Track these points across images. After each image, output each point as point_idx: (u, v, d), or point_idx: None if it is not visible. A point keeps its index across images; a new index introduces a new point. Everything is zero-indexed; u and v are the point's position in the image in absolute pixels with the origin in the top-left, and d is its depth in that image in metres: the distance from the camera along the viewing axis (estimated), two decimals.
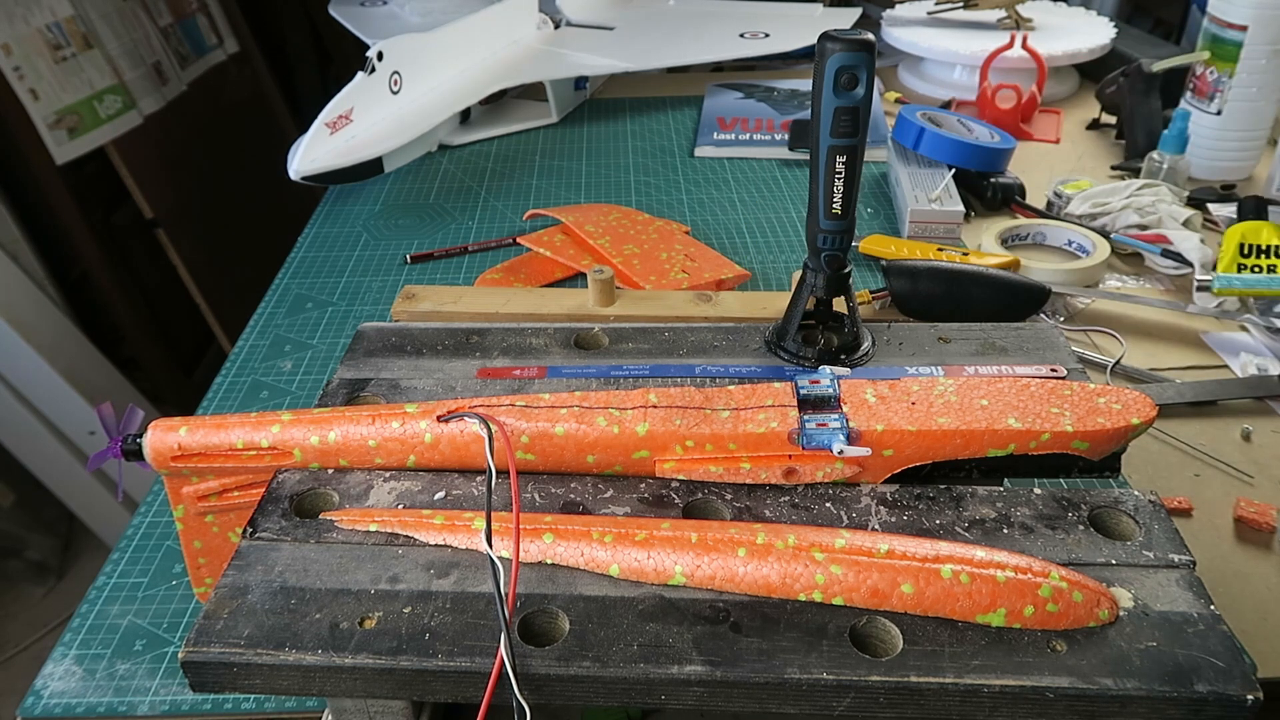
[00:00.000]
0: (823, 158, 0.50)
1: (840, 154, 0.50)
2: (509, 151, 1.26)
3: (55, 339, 1.59)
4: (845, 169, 0.50)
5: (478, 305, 0.74)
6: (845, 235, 0.53)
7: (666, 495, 0.45)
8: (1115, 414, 0.45)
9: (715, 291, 0.76)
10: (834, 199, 0.51)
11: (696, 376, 0.53)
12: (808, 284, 0.55)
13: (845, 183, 0.51)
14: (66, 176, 1.60)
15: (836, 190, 0.51)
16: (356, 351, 0.57)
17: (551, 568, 0.41)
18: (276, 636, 0.38)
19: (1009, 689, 0.35)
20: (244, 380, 0.81)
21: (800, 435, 0.45)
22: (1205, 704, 0.35)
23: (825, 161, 0.50)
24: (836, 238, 0.53)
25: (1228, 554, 0.61)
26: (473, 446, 0.46)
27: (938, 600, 0.38)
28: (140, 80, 1.78)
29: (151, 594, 0.60)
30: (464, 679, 0.37)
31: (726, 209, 1.06)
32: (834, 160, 0.50)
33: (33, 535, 1.74)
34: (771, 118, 1.28)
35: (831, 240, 0.53)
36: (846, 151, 0.50)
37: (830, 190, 0.51)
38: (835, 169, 0.50)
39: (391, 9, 1.55)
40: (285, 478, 0.47)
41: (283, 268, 0.99)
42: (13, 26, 1.53)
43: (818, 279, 0.54)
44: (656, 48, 1.37)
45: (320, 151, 1.00)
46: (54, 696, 0.54)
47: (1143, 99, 1.12)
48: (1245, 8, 0.99)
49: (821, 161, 0.51)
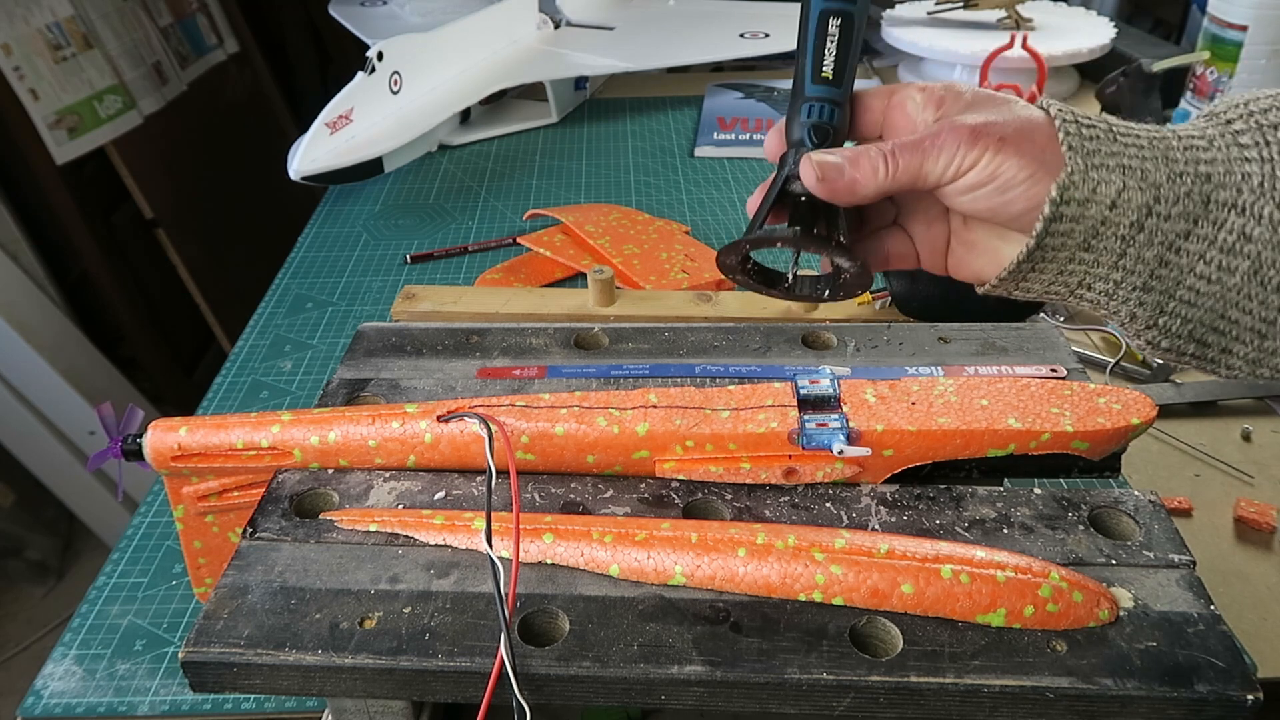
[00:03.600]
0: (813, 21, 0.43)
1: (835, 17, 0.42)
2: (509, 151, 1.26)
3: (55, 339, 1.59)
4: (840, 34, 0.42)
5: (478, 305, 0.74)
6: (837, 107, 0.42)
7: (666, 495, 0.45)
8: (1115, 414, 0.45)
9: (715, 291, 0.76)
10: (824, 61, 0.42)
11: (696, 376, 0.53)
12: (784, 168, 0.43)
13: (840, 46, 0.42)
14: (66, 176, 1.60)
15: (828, 52, 0.42)
16: (356, 351, 0.57)
17: (551, 568, 0.41)
18: (276, 636, 0.38)
19: (1009, 689, 0.35)
20: (244, 380, 0.81)
21: (800, 435, 0.45)
22: (1205, 704, 0.35)
23: (816, 25, 0.42)
24: (826, 106, 0.42)
25: (1228, 554, 0.61)
26: (473, 446, 0.46)
27: (938, 600, 0.38)
28: (140, 80, 1.78)
29: (151, 594, 0.60)
30: (464, 679, 0.37)
31: (726, 209, 1.06)
32: (826, 24, 0.42)
33: (33, 535, 1.74)
34: (771, 118, 1.28)
35: (820, 110, 0.42)
36: (841, 15, 0.42)
37: (821, 54, 0.42)
38: (828, 32, 0.42)
39: (391, 9, 1.55)
40: (285, 478, 0.47)
41: (283, 268, 0.99)
42: (13, 26, 1.53)
43: (794, 159, 0.42)
44: (656, 48, 1.37)
45: (320, 151, 1.00)
46: (54, 696, 0.54)
47: (1143, 99, 1.12)
48: (1245, 8, 0.99)
49: (811, 25, 0.43)
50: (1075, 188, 0.36)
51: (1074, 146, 0.37)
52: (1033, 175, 0.37)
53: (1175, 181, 0.36)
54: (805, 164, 0.41)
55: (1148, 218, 0.36)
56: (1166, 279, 0.37)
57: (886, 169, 0.39)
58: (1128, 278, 0.38)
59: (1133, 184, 0.36)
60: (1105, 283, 0.38)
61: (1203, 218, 0.36)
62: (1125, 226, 0.37)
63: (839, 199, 0.41)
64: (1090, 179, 0.36)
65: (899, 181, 0.39)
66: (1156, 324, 0.38)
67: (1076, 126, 0.37)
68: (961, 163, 0.38)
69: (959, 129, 0.38)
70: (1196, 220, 0.36)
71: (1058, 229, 0.37)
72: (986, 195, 0.38)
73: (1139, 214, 0.36)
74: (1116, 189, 0.36)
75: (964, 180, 0.38)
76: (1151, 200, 0.36)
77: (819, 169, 0.40)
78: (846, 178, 0.40)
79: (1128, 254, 0.37)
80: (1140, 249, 0.37)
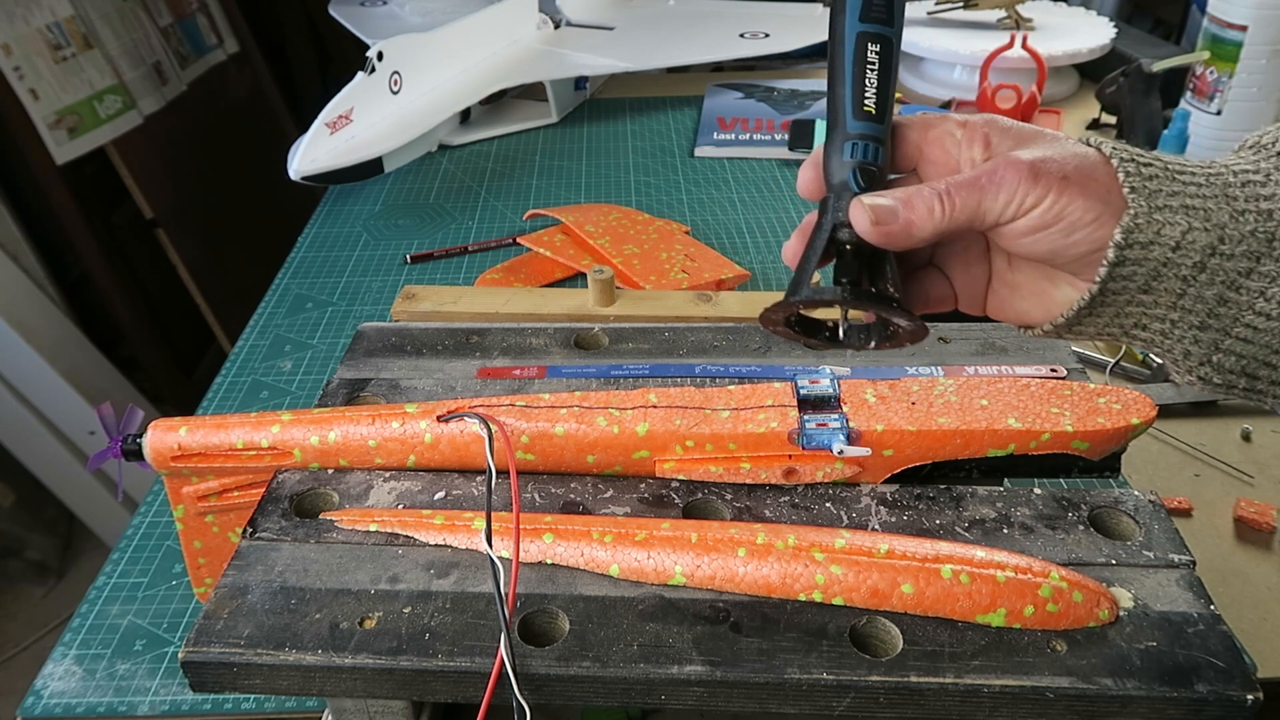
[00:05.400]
0: (849, 48, 0.39)
1: (873, 42, 0.39)
2: (509, 151, 1.26)
3: (55, 339, 1.59)
4: (880, 60, 0.39)
5: (478, 305, 0.74)
6: (881, 145, 0.39)
7: (666, 495, 0.45)
8: (1115, 414, 0.45)
9: (715, 291, 0.76)
10: (865, 93, 0.39)
11: (696, 376, 0.53)
12: (829, 214, 0.39)
13: (881, 75, 0.39)
14: (66, 176, 1.60)
15: (869, 83, 0.39)
16: (356, 351, 0.57)
17: (551, 568, 0.41)
18: (276, 636, 0.38)
19: (1009, 689, 0.35)
20: (244, 380, 0.81)
21: (800, 435, 0.45)
22: (1205, 704, 0.35)
23: (853, 51, 0.39)
24: (870, 145, 0.39)
25: (1228, 554, 0.61)
26: (473, 446, 0.46)
27: (938, 600, 0.38)
28: (140, 80, 1.78)
29: (151, 594, 0.60)
30: (464, 679, 0.37)
31: (726, 209, 1.06)
32: (865, 49, 0.39)
33: (33, 535, 1.74)
34: (771, 118, 1.28)
35: (864, 149, 0.38)
36: (880, 41, 0.39)
37: (860, 83, 0.39)
38: (867, 59, 0.39)
39: (391, 9, 1.55)
40: (285, 478, 0.47)
41: (283, 268, 0.99)
42: (13, 26, 1.53)
43: (840, 203, 0.38)
44: (656, 48, 1.37)
45: (320, 151, 1.00)
46: (54, 696, 0.54)
47: (1143, 99, 1.12)
48: (1245, 8, 0.99)
49: (848, 53, 0.39)
50: (1140, 230, 0.35)
51: (1136, 188, 0.36)
52: (1098, 218, 0.36)
53: (1238, 220, 0.35)
54: (857, 209, 0.38)
55: (1210, 258, 0.35)
56: (1225, 316, 0.36)
57: (943, 209, 0.37)
58: (1185, 317, 0.36)
59: (1197, 225, 0.35)
60: (1162, 323, 0.37)
61: (1265, 255, 0.35)
62: (1187, 267, 0.35)
63: (894, 244, 0.38)
64: (1155, 221, 0.35)
65: (956, 222, 0.37)
66: (1210, 361, 0.37)
67: (1135, 165, 0.36)
68: (1023, 202, 0.36)
69: (1017, 165, 0.36)
70: (1259, 258, 0.35)
71: (1120, 273, 0.36)
72: (1049, 237, 0.36)
73: (1202, 255, 0.35)
74: (1181, 230, 0.35)
75: (1025, 221, 0.36)
76: (1216, 240, 0.35)
77: (873, 213, 0.37)
78: (901, 221, 0.37)
79: (1187, 294, 0.36)
80: (1201, 288, 0.36)
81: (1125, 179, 0.36)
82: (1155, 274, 0.36)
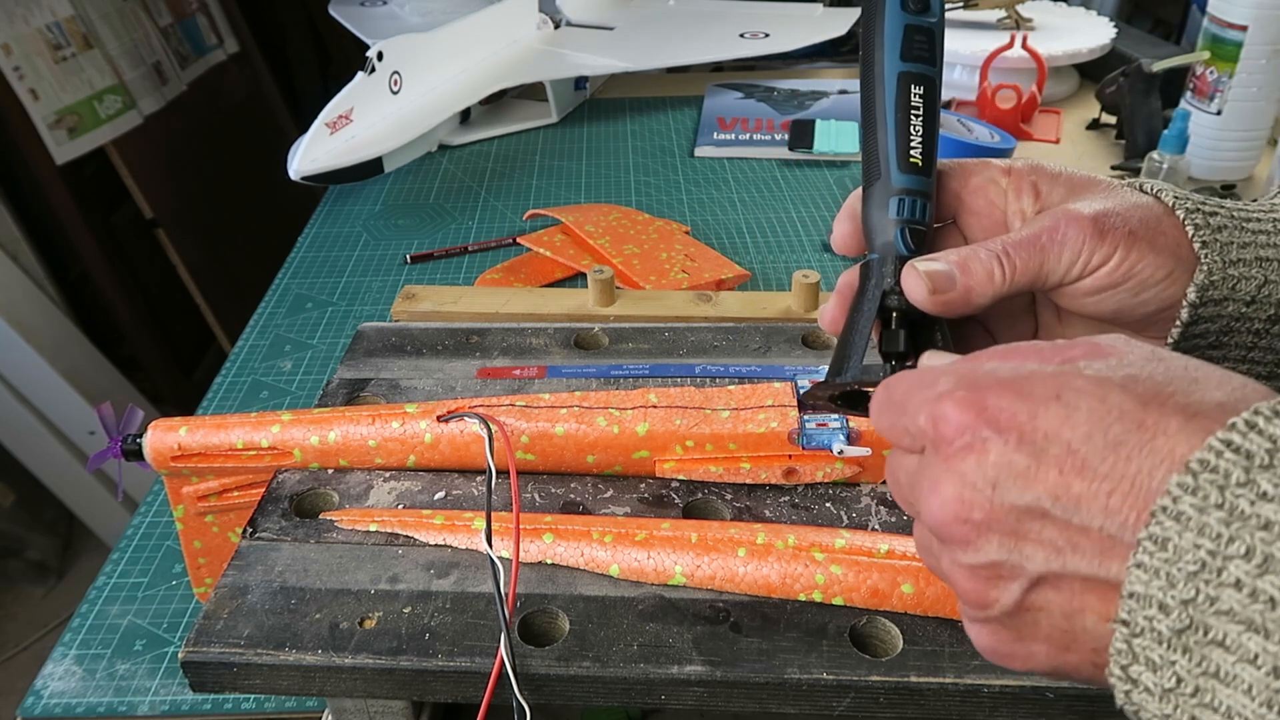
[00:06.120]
0: (890, 90, 0.35)
1: (916, 84, 0.35)
2: (509, 151, 1.26)
3: (55, 339, 1.59)
4: (924, 105, 0.35)
5: (478, 305, 0.74)
6: (929, 201, 0.36)
7: (666, 495, 0.45)
8: None
9: (715, 291, 0.76)
10: (912, 142, 0.35)
11: (696, 376, 0.53)
12: (874, 280, 0.35)
13: (926, 121, 0.35)
14: (66, 176, 1.60)
15: (915, 131, 0.35)
16: (356, 351, 0.57)
17: (551, 568, 0.41)
18: (276, 636, 0.38)
19: (1009, 689, 0.35)
20: (244, 380, 0.81)
21: (800, 435, 0.45)
22: None
23: (895, 95, 0.35)
24: (918, 201, 0.35)
25: None
26: (473, 446, 0.46)
27: (938, 600, 0.38)
28: (140, 80, 1.78)
29: (151, 594, 0.60)
30: (464, 679, 0.37)
31: (726, 209, 1.06)
32: (908, 92, 0.35)
33: (33, 535, 1.74)
34: (771, 118, 1.28)
35: (911, 205, 0.35)
36: (924, 82, 0.35)
37: (906, 131, 0.35)
38: (911, 103, 0.35)
39: (391, 9, 1.55)
40: (285, 478, 0.47)
41: (283, 268, 0.99)
42: (13, 26, 1.53)
43: (888, 268, 0.35)
44: (656, 48, 1.37)
45: (320, 151, 1.00)
46: (54, 696, 0.54)
47: (1143, 99, 1.12)
48: (1245, 8, 0.99)
49: (889, 97, 0.35)
50: (1215, 288, 0.33)
51: (1208, 241, 0.33)
52: (1170, 274, 0.33)
53: None
54: (911, 276, 0.34)
55: None
56: None
57: (1003, 273, 0.34)
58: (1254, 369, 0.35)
59: (1274, 277, 0.34)
60: None
61: None
62: (1261, 320, 0.34)
63: (951, 313, 0.34)
64: (1230, 276, 0.33)
65: (1017, 285, 0.34)
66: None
67: (1203, 216, 0.34)
68: (1089, 260, 0.33)
69: (1079, 220, 0.33)
70: None
71: (1193, 331, 0.34)
72: (1116, 296, 0.34)
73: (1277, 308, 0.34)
74: (1256, 284, 0.33)
75: (1091, 280, 0.34)
76: None
77: (930, 281, 0.34)
78: (960, 288, 0.34)
79: (1258, 346, 0.35)
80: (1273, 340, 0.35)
81: (1195, 232, 0.34)
82: (1227, 329, 0.34)
